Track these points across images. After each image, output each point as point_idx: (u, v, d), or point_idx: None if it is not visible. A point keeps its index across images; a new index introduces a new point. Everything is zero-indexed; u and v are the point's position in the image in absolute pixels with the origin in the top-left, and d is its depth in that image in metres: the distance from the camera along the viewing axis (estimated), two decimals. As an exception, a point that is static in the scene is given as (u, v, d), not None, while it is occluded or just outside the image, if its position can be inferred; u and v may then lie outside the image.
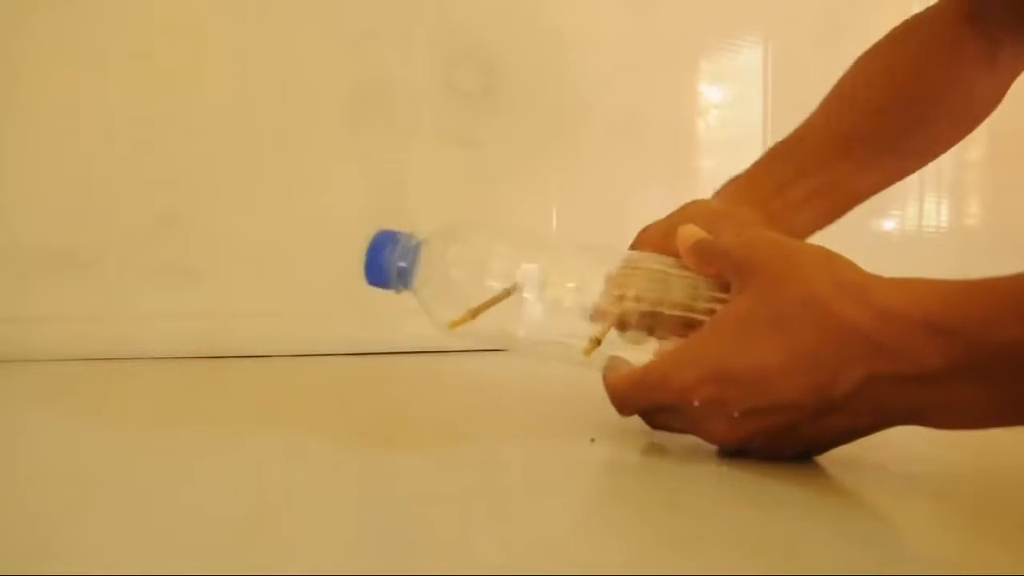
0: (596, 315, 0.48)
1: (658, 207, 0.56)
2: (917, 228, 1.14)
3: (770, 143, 0.61)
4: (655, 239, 0.53)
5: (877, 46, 0.64)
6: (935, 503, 0.39)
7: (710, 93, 1.03)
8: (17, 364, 0.71)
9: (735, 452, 0.42)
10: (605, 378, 0.45)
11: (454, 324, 0.48)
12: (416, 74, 0.88)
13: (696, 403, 0.40)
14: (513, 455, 0.45)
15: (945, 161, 1.09)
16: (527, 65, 0.93)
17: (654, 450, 0.45)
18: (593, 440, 0.46)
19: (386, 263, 0.50)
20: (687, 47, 1.03)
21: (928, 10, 0.64)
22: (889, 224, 1.10)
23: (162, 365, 0.74)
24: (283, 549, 0.30)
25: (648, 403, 0.43)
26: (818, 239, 0.56)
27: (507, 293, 0.48)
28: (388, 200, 0.87)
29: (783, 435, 0.40)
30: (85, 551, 0.30)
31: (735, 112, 1.04)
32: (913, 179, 1.09)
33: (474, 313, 0.48)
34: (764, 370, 0.38)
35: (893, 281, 0.38)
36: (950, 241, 1.15)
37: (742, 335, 0.39)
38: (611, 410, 0.45)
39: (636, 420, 0.46)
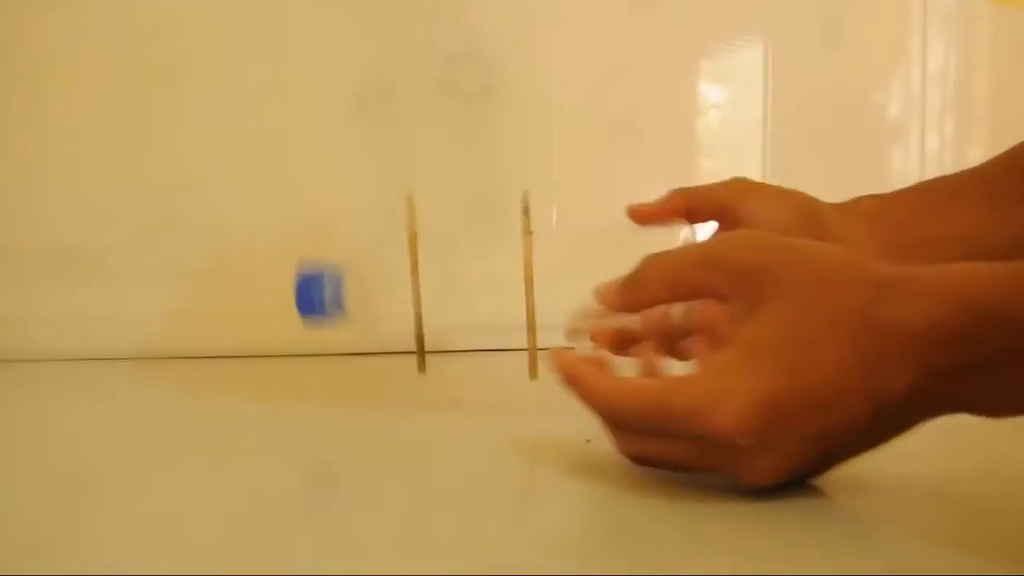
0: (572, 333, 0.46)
1: (658, 207, 0.56)
2: (917, 228, 1.14)
3: (770, 143, 0.61)
4: (678, 205, 0.52)
5: None
6: (931, 502, 0.39)
7: (710, 93, 1.03)
8: (17, 364, 0.71)
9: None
10: (587, 378, 0.39)
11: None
12: (416, 74, 0.88)
13: (742, 441, 0.34)
14: (510, 455, 0.45)
15: (945, 161, 1.09)
16: (527, 65, 0.93)
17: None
18: (589, 441, 0.46)
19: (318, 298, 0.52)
20: (687, 47, 1.02)
21: None
22: (889, 224, 1.10)
23: (162, 365, 0.74)
24: (283, 549, 0.30)
25: (657, 428, 0.37)
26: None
27: None
28: (388, 200, 0.87)
29: (829, 458, 0.37)
30: (85, 551, 0.30)
31: (735, 112, 1.04)
32: (913, 179, 1.09)
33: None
34: (822, 389, 0.34)
35: (937, 271, 0.35)
36: (950, 241, 1.15)
37: (789, 351, 0.35)
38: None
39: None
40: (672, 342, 0.45)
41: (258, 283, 0.82)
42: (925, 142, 1.10)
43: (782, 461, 0.35)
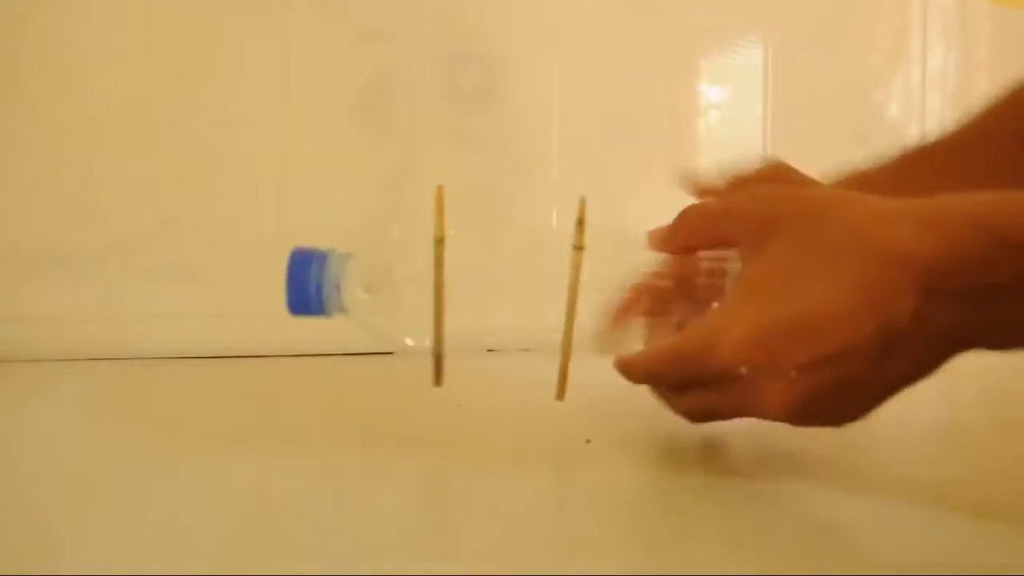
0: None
1: (658, 207, 0.56)
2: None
3: (770, 143, 0.61)
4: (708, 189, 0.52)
5: None
6: (933, 502, 0.39)
7: (710, 93, 1.03)
8: (17, 364, 0.71)
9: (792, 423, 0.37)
10: (626, 358, 0.41)
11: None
12: (416, 74, 0.88)
13: (744, 370, 0.36)
14: (510, 455, 0.45)
15: (945, 161, 1.09)
16: (527, 65, 0.93)
17: (649, 451, 0.45)
18: (589, 441, 0.46)
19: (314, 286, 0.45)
20: (687, 47, 1.03)
21: None
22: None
23: (162, 365, 0.74)
24: (283, 549, 0.30)
25: (684, 377, 0.39)
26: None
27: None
28: (388, 200, 0.87)
29: (845, 390, 0.36)
30: (85, 551, 0.30)
31: (735, 112, 1.04)
32: (913, 179, 1.09)
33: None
34: (818, 314, 0.35)
35: (947, 198, 0.35)
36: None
37: (785, 283, 0.36)
38: (607, 411, 0.45)
39: (630, 421, 0.46)
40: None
41: (258, 284, 0.82)
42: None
43: (790, 389, 0.35)
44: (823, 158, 1.06)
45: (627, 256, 0.48)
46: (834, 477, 0.41)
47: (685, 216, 0.42)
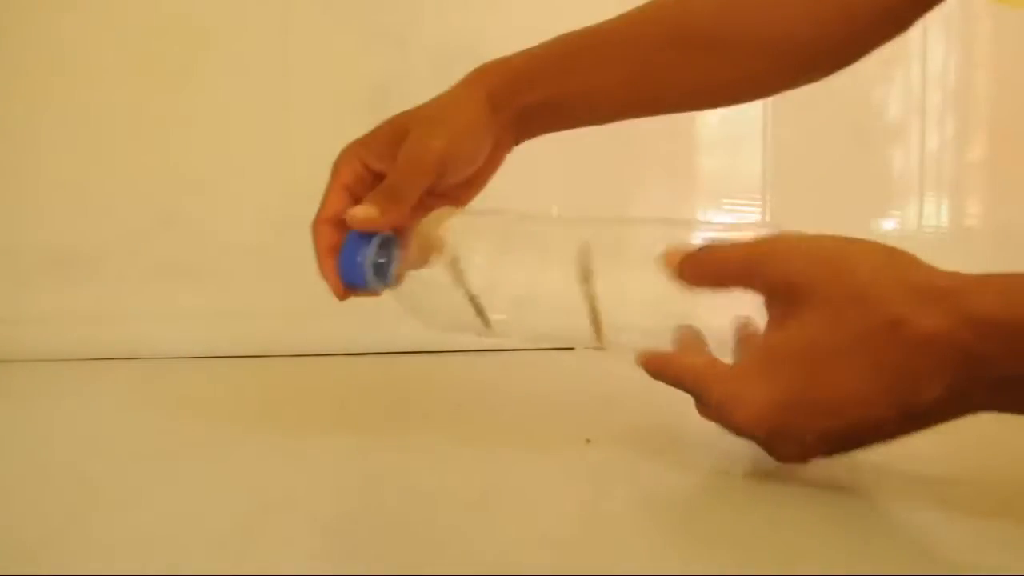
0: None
1: (658, 207, 0.56)
2: (917, 228, 1.14)
3: (770, 143, 0.61)
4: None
5: None
6: (935, 502, 0.39)
7: (710, 93, 1.03)
8: (17, 364, 0.71)
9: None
10: (650, 355, 0.41)
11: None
12: (417, 75, 0.88)
13: (757, 436, 0.37)
14: (510, 455, 0.45)
15: (945, 161, 1.09)
16: (527, 65, 0.93)
17: (649, 450, 0.45)
18: (589, 440, 0.46)
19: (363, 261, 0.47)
20: (687, 47, 1.02)
21: None
22: (889, 224, 1.10)
23: (162, 365, 0.74)
24: (283, 549, 0.30)
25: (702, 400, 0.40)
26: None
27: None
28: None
29: (863, 444, 0.37)
30: (85, 551, 0.30)
31: (735, 111, 1.04)
32: (913, 179, 1.09)
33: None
34: (838, 400, 0.35)
35: (978, 281, 0.34)
36: (950, 241, 1.15)
37: (808, 362, 0.36)
38: (606, 411, 0.45)
39: (629, 422, 0.46)
40: None
41: (258, 283, 0.82)
42: (925, 142, 1.10)
43: (806, 451, 0.37)
44: (823, 158, 1.06)
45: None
46: (836, 477, 0.41)
47: (708, 257, 0.40)
